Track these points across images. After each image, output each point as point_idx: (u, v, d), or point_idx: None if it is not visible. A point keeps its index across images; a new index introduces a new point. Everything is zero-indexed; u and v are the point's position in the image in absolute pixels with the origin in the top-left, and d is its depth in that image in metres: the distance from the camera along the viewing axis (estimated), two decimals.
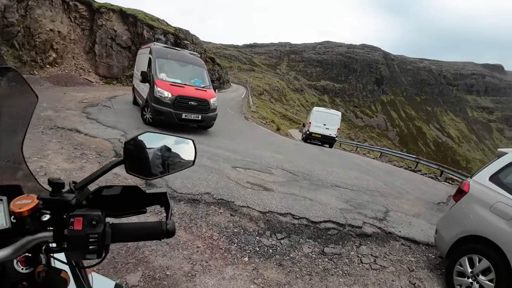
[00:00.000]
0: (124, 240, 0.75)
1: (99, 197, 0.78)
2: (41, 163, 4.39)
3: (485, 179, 3.42)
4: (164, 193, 0.85)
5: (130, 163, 0.78)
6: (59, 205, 0.69)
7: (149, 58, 9.42)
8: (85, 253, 0.67)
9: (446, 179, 13.23)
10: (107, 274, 2.54)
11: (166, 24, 25.56)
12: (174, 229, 0.76)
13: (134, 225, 0.75)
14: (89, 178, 0.75)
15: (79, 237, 0.66)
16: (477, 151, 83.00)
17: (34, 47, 15.48)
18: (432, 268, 3.80)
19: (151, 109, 8.34)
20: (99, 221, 0.68)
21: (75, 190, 0.73)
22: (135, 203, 0.82)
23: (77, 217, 0.67)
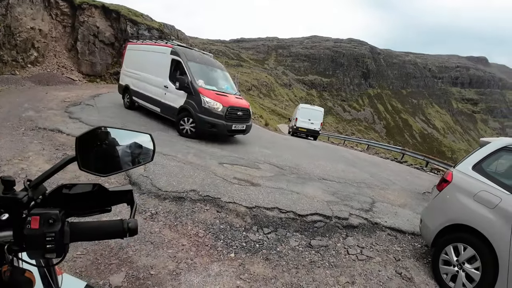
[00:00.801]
0: (85, 239, 0.74)
1: (59, 196, 0.76)
2: (22, 165, 4.26)
3: (468, 169, 3.47)
4: (130, 191, 0.83)
5: (83, 159, 0.76)
6: (10, 203, 0.68)
7: (173, 60, 8.52)
8: (43, 252, 0.66)
9: (431, 170, 13.52)
10: (90, 275, 2.49)
11: (150, 19, 25.09)
12: (136, 228, 0.75)
13: (94, 223, 0.74)
14: (43, 176, 0.75)
15: (36, 236, 0.65)
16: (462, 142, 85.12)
17: (15, 46, 15.01)
18: (418, 257, 3.86)
19: (199, 121, 7.69)
20: (57, 220, 0.67)
21: (28, 188, 0.72)
22: (99, 201, 0.80)
23: (34, 215, 0.66)
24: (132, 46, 10.80)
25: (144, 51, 9.94)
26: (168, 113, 8.59)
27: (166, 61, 8.68)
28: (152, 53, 9.43)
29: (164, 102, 8.61)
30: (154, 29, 23.31)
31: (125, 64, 10.86)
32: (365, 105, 79.02)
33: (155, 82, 8.97)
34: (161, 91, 8.69)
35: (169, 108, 8.46)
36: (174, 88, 8.25)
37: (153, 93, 8.98)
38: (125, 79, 10.61)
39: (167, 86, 8.52)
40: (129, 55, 10.71)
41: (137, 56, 10.21)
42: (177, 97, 8.22)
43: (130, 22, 21.62)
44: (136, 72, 9.90)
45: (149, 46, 9.93)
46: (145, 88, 9.35)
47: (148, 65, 9.43)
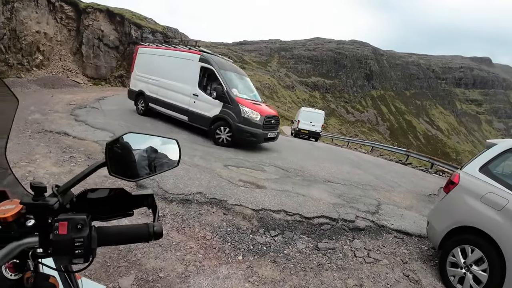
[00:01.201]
0: (111, 244, 0.75)
1: (84, 200, 0.77)
2: (29, 168, 4.30)
3: (475, 170, 3.46)
4: (151, 195, 0.84)
5: (112, 164, 0.77)
6: (41, 209, 0.68)
7: (202, 67, 8.37)
8: (71, 257, 0.66)
9: (436, 171, 13.44)
10: (99, 278, 2.50)
11: (154, 22, 25.27)
12: (161, 231, 0.76)
13: (121, 228, 0.75)
14: (72, 181, 0.74)
15: (64, 241, 0.65)
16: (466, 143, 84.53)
17: (20, 49, 15.18)
18: (425, 259, 3.84)
19: (238, 131, 7.75)
20: (84, 225, 0.67)
21: (57, 194, 0.72)
22: (121, 205, 0.81)
23: (62, 221, 0.66)
24: (145, 50, 10.33)
25: (162, 56, 9.54)
26: (198, 122, 8.46)
27: (193, 68, 8.49)
28: (174, 58, 9.15)
29: (193, 110, 8.45)
30: (157, 32, 23.47)
31: (137, 68, 10.36)
32: (368, 106, 78.79)
33: (180, 89, 8.75)
34: (188, 99, 8.53)
35: (200, 117, 8.32)
36: (206, 97, 8.23)
37: (178, 100, 8.77)
38: (138, 84, 10.18)
39: (196, 95, 8.38)
40: (142, 59, 10.24)
41: (153, 60, 9.77)
42: (210, 106, 8.15)
43: (134, 25, 21.80)
44: (153, 77, 9.55)
45: (168, 51, 9.52)
46: (167, 95, 9.08)
47: (170, 71, 9.10)
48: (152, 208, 0.83)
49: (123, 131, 0.80)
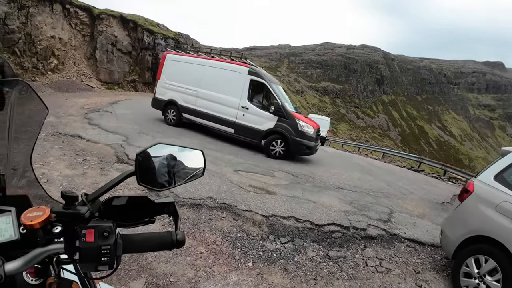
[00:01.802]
0: (135, 251, 0.76)
1: (109, 207, 0.78)
2: (43, 170, 4.39)
3: (490, 179, 3.39)
4: (172, 203, 0.85)
5: (141, 174, 0.78)
6: (73, 218, 0.69)
7: (252, 80, 8.42)
8: (97, 264, 0.67)
9: (449, 179, 13.16)
10: (110, 282, 2.52)
11: (166, 29, 25.66)
12: (184, 239, 0.77)
13: (145, 235, 0.76)
14: (101, 190, 0.76)
15: (92, 249, 0.66)
16: (479, 149, 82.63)
17: (35, 54, 15.58)
18: (438, 269, 3.76)
19: (295, 144, 8.02)
20: (111, 233, 0.68)
21: (87, 203, 0.73)
22: (143, 213, 0.82)
23: (89, 229, 0.67)
24: (174, 57, 9.91)
25: (201, 65, 9.25)
26: (248, 135, 8.55)
27: (242, 81, 8.49)
28: (217, 69, 8.95)
29: (242, 123, 8.48)
30: (169, 38, 23.82)
31: (165, 76, 9.89)
32: (379, 111, 77.91)
33: (226, 102, 8.66)
34: (235, 112, 8.53)
35: (250, 130, 8.40)
36: (257, 110, 8.37)
37: (223, 112, 8.69)
38: (167, 93, 9.77)
39: (246, 108, 8.42)
40: (171, 66, 9.80)
41: (188, 69, 9.42)
42: (263, 119, 8.29)
43: (146, 31, 22.19)
44: (189, 87, 9.27)
45: (209, 60, 9.26)
46: (209, 106, 8.91)
47: (212, 82, 8.90)
48: (173, 216, 0.84)
49: (135, 135, 0.81)
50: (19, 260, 0.63)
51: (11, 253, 0.66)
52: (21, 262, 0.63)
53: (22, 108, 0.93)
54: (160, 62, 10.33)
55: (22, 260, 0.64)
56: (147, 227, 0.85)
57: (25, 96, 0.91)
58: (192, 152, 0.92)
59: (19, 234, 0.67)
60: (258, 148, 8.72)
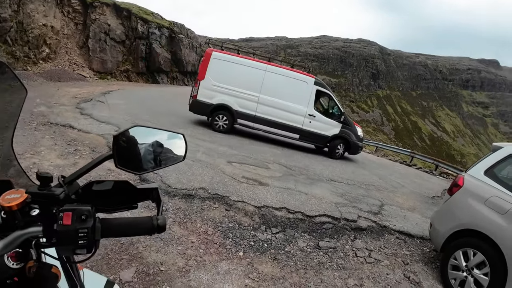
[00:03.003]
0: (115, 235, 0.74)
1: (89, 192, 0.76)
2: (34, 160, 4.34)
3: (480, 173, 3.44)
4: (156, 188, 0.84)
5: (119, 157, 0.76)
6: (47, 199, 0.68)
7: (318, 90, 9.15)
8: (75, 248, 0.66)
9: (441, 173, 13.35)
10: (100, 270, 2.52)
11: (160, 17, 25.29)
12: (165, 225, 0.75)
13: (124, 220, 0.74)
14: (78, 172, 0.74)
15: (69, 232, 0.65)
16: (471, 146, 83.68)
17: (27, 42, 15.23)
18: (426, 261, 3.83)
19: (355, 147, 9.58)
20: (89, 216, 0.67)
21: (64, 184, 0.71)
22: (126, 198, 0.81)
23: (67, 211, 0.66)
24: (223, 56, 9.18)
25: (260, 69, 9.04)
26: (313, 140, 9.47)
27: (309, 90, 9.08)
28: (282, 76, 9.03)
29: (308, 129, 9.19)
30: (164, 28, 23.50)
31: (211, 77, 9.05)
32: (374, 106, 78.22)
33: (292, 109, 9.04)
34: (302, 119, 9.12)
35: (317, 136, 9.28)
36: (323, 118, 9.27)
37: (289, 119, 9.07)
38: (216, 96, 9.08)
39: (313, 115, 9.14)
40: (219, 66, 9.06)
41: (242, 72, 9.03)
42: (329, 126, 9.31)
43: (140, 20, 21.85)
44: (246, 91, 9.02)
45: (272, 66, 9.17)
46: (271, 113, 9.03)
47: (276, 89, 8.96)
48: (156, 202, 0.83)
49: (128, 125, 0.80)
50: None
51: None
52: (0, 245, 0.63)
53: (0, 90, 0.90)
54: (202, 60, 9.27)
55: (1, 243, 0.63)
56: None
57: (2, 78, 0.87)
58: (173, 135, 0.90)
59: (1, 218, 0.67)
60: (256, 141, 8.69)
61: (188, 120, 9.65)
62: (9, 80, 0.87)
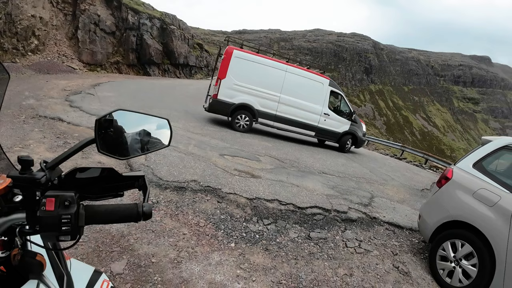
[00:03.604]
0: (99, 222, 0.74)
1: (73, 179, 0.76)
2: (22, 153, 4.26)
3: (469, 166, 3.48)
4: (142, 176, 0.83)
5: (101, 142, 0.75)
6: (28, 183, 0.67)
7: (332, 91, 9.89)
8: (58, 234, 0.66)
9: (430, 167, 13.57)
10: (91, 263, 2.51)
11: (151, 8, 24.86)
12: (151, 212, 0.75)
13: (109, 206, 0.74)
14: (60, 157, 0.74)
15: (51, 217, 0.64)
16: (461, 141, 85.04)
17: (16, 34, 14.81)
18: (415, 252, 3.91)
19: (361, 141, 10.90)
20: (72, 202, 0.66)
21: (45, 169, 0.71)
22: (111, 186, 0.80)
23: (49, 197, 0.65)
24: (244, 55, 9.18)
25: (281, 70, 9.29)
26: (326, 136, 10.34)
27: (324, 91, 9.78)
28: (300, 77, 9.49)
29: (322, 127, 9.95)
30: (155, 18, 23.13)
31: (233, 75, 9.00)
32: (366, 100, 78.66)
33: (309, 108, 9.66)
34: (318, 117, 9.81)
35: (330, 132, 10.14)
36: (336, 116, 10.08)
37: (306, 118, 9.70)
38: (237, 95, 9.07)
39: (328, 114, 9.90)
40: (239, 65, 9.02)
41: (263, 71, 9.16)
42: (340, 124, 10.17)
43: (131, 11, 21.45)
44: (267, 91, 9.23)
45: (291, 67, 9.49)
46: (290, 112, 9.49)
47: (294, 89, 9.37)
48: (142, 189, 0.82)
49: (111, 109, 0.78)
50: None
51: None
52: None
53: None
54: (223, 58, 9.14)
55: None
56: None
57: None
58: (158, 120, 0.89)
59: None
60: (248, 133, 8.67)
61: (181, 113, 9.58)
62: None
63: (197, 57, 30.78)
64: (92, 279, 0.93)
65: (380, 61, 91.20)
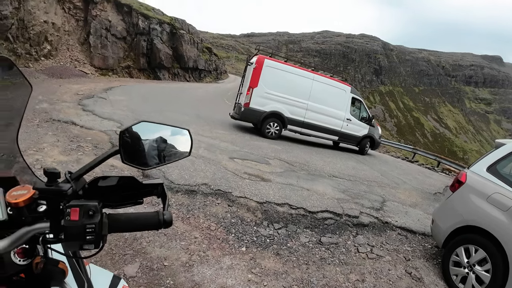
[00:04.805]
0: (121, 230, 0.75)
1: (95, 188, 0.77)
2: (37, 156, 4.35)
3: (483, 170, 3.42)
4: (161, 184, 0.84)
5: (125, 153, 0.77)
6: (55, 195, 0.68)
7: (353, 98, 10.49)
8: (82, 243, 0.67)
9: (443, 170, 13.33)
10: (104, 265, 2.55)
11: (161, 13, 25.21)
12: (171, 220, 0.76)
13: (131, 215, 0.75)
14: (85, 168, 0.75)
15: (76, 227, 0.65)
16: (474, 142, 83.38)
17: (28, 39, 15.20)
18: (428, 257, 3.84)
19: (378, 144, 11.78)
20: (96, 212, 0.67)
21: (71, 180, 0.72)
22: (131, 194, 0.82)
23: (74, 207, 0.66)
24: (274, 64, 9.43)
25: (308, 78, 9.71)
26: (348, 140, 10.83)
27: (346, 97, 10.38)
28: (325, 85, 9.99)
29: (345, 132, 10.51)
30: (165, 23, 23.42)
31: (264, 84, 9.21)
32: (376, 102, 77.87)
33: (333, 114, 10.18)
34: (341, 123, 10.36)
35: (351, 136, 10.73)
36: (357, 121, 10.69)
37: (331, 123, 10.22)
38: (268, 103, 9.31)
39: (350, 119, 10.48)
40: (270, 74, 9.24)
41: (292, 80, 9.48)
42: (360, 128, 10.81)
43: (141, 16, 21.79)
44: (297, 99, 9.59)
45: (317, 75, 9.97)
46: (317, 118, 9.94)
47: (320, 96, 9.83)
48: (161, 197, 0.83)
49: (131, 121, 0.80)
50: (5, 239, 0.63)
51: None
52: (7, 241, 0.63)
53: (5, 88, 0.90)
54: (255, 67, 9.26)
55: (8, 239, 0.63)
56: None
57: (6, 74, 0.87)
58: (179, 131, 0.90)
59: (7, 215, 0.66)
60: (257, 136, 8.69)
61: (191, 117, 9.67)
62: (14, 77, 0.87)
63: (206, 61, 31.04)
64: (112, 284, 0.94)
65: (390, 62, 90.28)
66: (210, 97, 20.40)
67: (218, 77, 36.69)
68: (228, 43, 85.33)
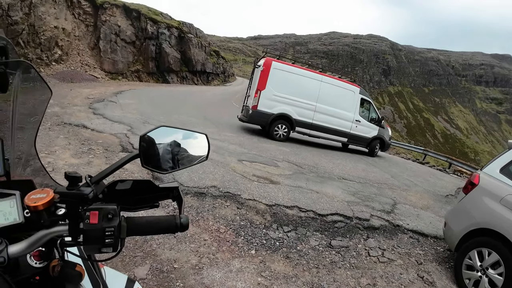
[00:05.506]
0: (139, 234, 0.75)
1: (113, 191, 0.78)
2: (48, 159, 4.43)
3: (496, 171, 3.36)
4: (177, 188, 0.84)
5: (145, 157, 0.77)
6: (76, 198, 0.68)
7: (362, 99, 10.39)
8: (101, 246, 0.67)
9: (454, 171, 13.09)
10: (115, 267, 2.57)
11: (169, 18, 25.48)
12: (188, 223, 0.77)
13: (149, 218, 0.75)
14: (105, 172, 0.75)
15: (96, 230, 0.66)
16: (485, 143, 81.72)
17: (39, 44, 15.54)
18: (440, 261, 3.77)
19: (388, 145, 11.50)
20: (115, 215, 0.68)
21: (91, 184, 0.72)
22: (147, 197, 0.82)
23: (93, 210, 0.67)
24: (282, 66, 9.44)
25: (316, 80, 9.63)
26: (357, 142, 10.67)
27: (355, 99, 10.23)
28: (333, 86, 9.88)
29: (354, 133, 10.35)
30: (173, 28, 23.67)
31: (272, 86, 9.20)
32: (385, 103, 77.05)
33: (341, 115, 10.05)
34: (350, 124, 10.22)
35: (361, 138, 10.56)
36: (366, 122, 10.51)
37: (339, 125, 10.10)
38: (276, 106, 9.31)
39: (359, 120, 10.32)
40: (279, 76, 9.23)
41: (299, 82, 9.43)
42: (369, 129, 10.62)
43: (150, 21, 22.08)
44: (304, 101, 9.53)
45: (325, 77, 9.92)
46: (325, 119, 9.86)
47: (328, 97, 9.74)
48: (177, 201, 0.84)
49: (140, 124, 0.80)
50: (23, 242, 0.63)
51: (15, 236, 0.66)
52: (24, 244, 0.63)
53: (25, 92, 0.92)
54: (263, 70, 9.22)
55: (25, 242, 0.63)
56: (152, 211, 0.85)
57: (27, 78, 0.89)
58: (196, 136, 0.91)
59: (24, 217, 0.67)
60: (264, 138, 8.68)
61: (199, 119, 9.73)
62: (34, 81, 0.88)
63: (213, 64, 31.25)
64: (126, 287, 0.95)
65: (399, 62, 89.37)
66: (217, 99, 20.49)
67: (225, 80, 36.87)
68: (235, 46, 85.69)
